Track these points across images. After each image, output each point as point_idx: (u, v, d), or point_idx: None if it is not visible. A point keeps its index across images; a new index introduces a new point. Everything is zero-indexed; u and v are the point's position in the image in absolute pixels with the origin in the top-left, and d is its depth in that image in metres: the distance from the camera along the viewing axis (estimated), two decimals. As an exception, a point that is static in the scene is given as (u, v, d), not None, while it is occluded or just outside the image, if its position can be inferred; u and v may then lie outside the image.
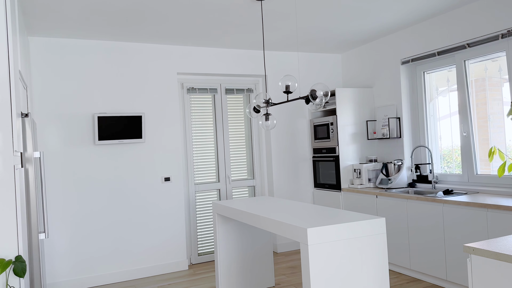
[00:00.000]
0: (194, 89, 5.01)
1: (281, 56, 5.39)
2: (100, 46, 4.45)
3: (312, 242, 2.40)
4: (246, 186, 5.31)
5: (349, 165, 5.05)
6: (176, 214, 4.73)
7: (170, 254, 4.68)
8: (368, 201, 4.61)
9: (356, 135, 5.10)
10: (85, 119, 4.34)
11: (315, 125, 5.38)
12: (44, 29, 3.99)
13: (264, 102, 3.26)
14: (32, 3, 3.36)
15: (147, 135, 4.61)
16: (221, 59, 5.04)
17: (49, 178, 4.18)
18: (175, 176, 4.73)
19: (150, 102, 4.65)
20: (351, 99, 5.10)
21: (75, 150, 4.29)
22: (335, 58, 5.75)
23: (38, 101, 4.18)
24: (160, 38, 4.50)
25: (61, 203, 4.22)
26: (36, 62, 4.19)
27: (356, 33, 4.77)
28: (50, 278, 4.15)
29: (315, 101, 2.80)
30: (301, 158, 5.48)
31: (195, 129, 5.04)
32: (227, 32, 4.41)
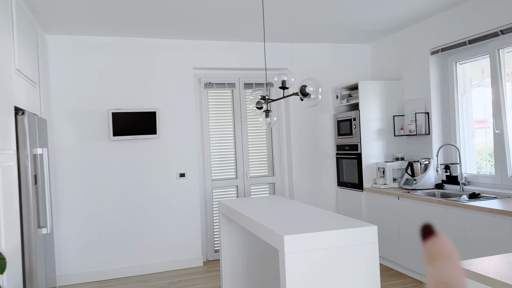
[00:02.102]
0: (212, 84, 4.93)
1: (303, 47, 5.15)
2: (115, 42, 4.49)
3: (290, 250, 2.22)
4: (266, 183, 5.17)
5: (373, 163, 4.73)
6: (192, 210, 4.70)
7: (185, 250, 4.67)
8: (389, 202, 4.29)
9: (382, 131, 4.77)
10: (100, 115, 4.42)
11: (338, 120, 5.10)
12: (60, 27, 4.09)
13: (261, 98, 3.09)
14: (43, 2, 3.43)
15: (161, 131, 4.61)
16: (238, 53, 4.91)
17: (65, 173, 4.31)
18: (190, 172, 4.70)
19: (165, 97, 4.64)
20: (377, 92, 4.76)
21: (90, 146, 4.38)
22: (364, 49, 5.40)
23: (55, 98, 4.30)
24: (175, 33, 4.45)
25: (77, 197, 4.34)
26: (53, 59, 4.31)
27: (384, 21, 4.43)
28: (64, 270, 4.29)
29: (306, 97, 2.59)
30: (324, 155, 5.23)
31: (213, 124, 4.97)
32: (244, 24, 4.27)
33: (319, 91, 2.56)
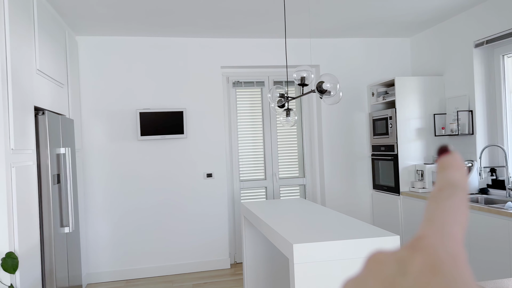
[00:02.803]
0: (240, 82, 4.82)
1: (336, 43, 4.91)
2: (143, 42, 4.49)
3: (299, 260, 2.05)
4: (296, 184, 4.99)
5: (411, 165, 4.42)
6: (219, 210, 4.62)
7: (212, 252, 4.60)
8: (427, 208, 3.97)
9: (421, 130, 4.44)
10: (129, 115, 4.44)
11: (374, 119, 4.82)
12: (89, 28, 4.14)
13: (279, 97, 2.93)
14: (70, 5, 3.47)
15: (189, 130, 4.56)
16: (267, 50, 4.76)
17: (95, 173, 4.37)
18: (217, 172, 4.62)
19: (193, 97, 4.58)
20: (416, 89, 4.44)
21: (119, 145, 4.42)
22: (403, 43, 5.07)
23: (85, 98, 4.37)
24: (203, 32, 4.39)
25: (106, 196, 4.38)
26: (83, 60, 4.37)
27: (424, 12, 4.11)
28: (94, 268, 4.35)
29: (323, 94, 2.40)
30: (359, 156, 4.96)
31: (242, 123, 4.85)
32: (272, 20, 4.12)
33: (337, 87, 2.36)
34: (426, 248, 0.24)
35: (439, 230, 0.25)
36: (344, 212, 4.90)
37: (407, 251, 0.25)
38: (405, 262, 0.24)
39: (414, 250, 0.24)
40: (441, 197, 0.27)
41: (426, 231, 0.26)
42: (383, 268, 0.24)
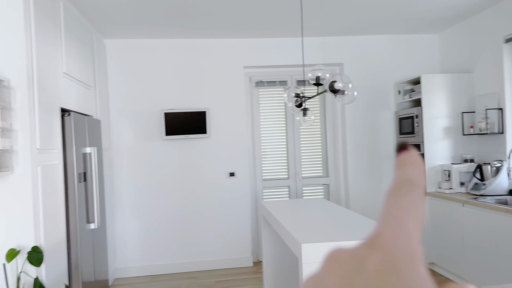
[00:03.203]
0: (263, 82, 4.84)
1: (361, 40, 4.84)
2: (168, 44, 4.60)
3: (307, 260, 2.06)
4: (320, 184, 4.96)
5: (438, 165, 4.30)
6: (242, 209, 4.67)
7: (235, 250, 4.65)
8: (453, 210, 3.86)
9: (449, 129, 4.31)
10: (154, 115, 4.56)
11: (400, 118, 4.72)
12: (116, 32, 4.29)
13: (295, 96, 2.93)
14: (96, 9, 3.62)
15: (212, 130, 4.63)
16: (289, 49, 4.76)
17: (122, 171, 4.52)
18: (240, 171, 4.66)
19: (216, 97, 4.65)
20: (443, 86, 4.31)
21: (145, 145, 4.55)
22: (431, 39, 4.93)
23: (113, 99, 4.53)
24: (225, 32, 4.44)
25: (133, 194, 4.53)
26: (111, 63, 4.53)
27: (453, 6, 3.99)
28: (121, 263, 4.50)
29: (336, 94, 2.39)
30: (384, 155, 4.87)
31: (264, 123, 4.88)
32: (294, 19, 4.13)
33: (349, 87, 2.34)
34: (384, 246, 0.24)
35: (396, 228, 0.25)
36: (370, 213, 4.83)
37: (365, 249, 0.24)
38: (363, 260, 0.24)
39: (371, 248, 0.24)
40: (399, 194, 0.27)
41: (383, 229, 0.26)
42: (341, 266, 0.24)
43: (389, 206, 0.27)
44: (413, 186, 0.27)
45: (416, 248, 0.24)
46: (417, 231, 0.26)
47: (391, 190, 0.27)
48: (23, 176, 2.50)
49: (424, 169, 0.29)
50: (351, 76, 4.84)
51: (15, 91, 2.48)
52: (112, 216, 4.48)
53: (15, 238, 2.48)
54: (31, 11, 2.61)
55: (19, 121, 2.49)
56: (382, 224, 0.26)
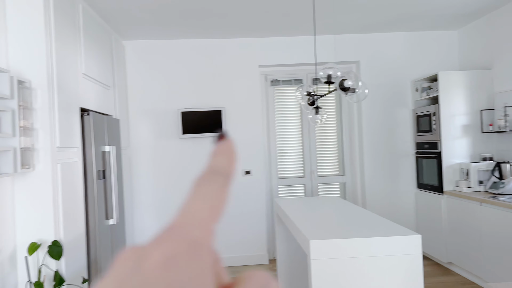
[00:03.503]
0: (278, 81, 4.87)
1: (376, 38, 4.81)
2: (185, 44, 4.68)
3: (316, 256, 2.08)
4: (336, 182, 4.95)
5: (456, 164, 4.23)
6: (257, 207, 4.72)
7: (250, 247, 4.71)
8: (471, 208, 3.80)
9: (468, 127, 4.24)
10: (171, 114, 4.65)
11: (417, 116, 4.67)
12: (134, 33, 4.39)
13: (306, 95, 2.95)
14: (114, 11, 3.72)
15: (227, 128, 4.69)
16: (305, 48, 4.77)
17: (141, 169, 4.63)
18: (255, 169, 4.71)
19: (231, 96, 4.71)
20: (461, 84, 4.25)
21: (163, 143, 4.65)
22: (449, 36, 4.86)
23: (132, 99, 4.64)
24: (240, 32, 4.49)
25: (150, 191, 4.63)
26: (130, 63, 4.64)
27: (472, 3, 3.93)
28: (140, 258, 4.61)
29: (346, 92, 2.40)
30: (402, 154, 4.83)
31: (280, 121, 4.91)
32: (309, 18, 4.14)
33: (359, 84, 2.35)
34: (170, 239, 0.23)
35: (188, 219, 0.24)
36: (386, 212, 4.80)
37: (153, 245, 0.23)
38: (144, 257, 0.22)
39: (159, 242, 0.23)
40: (201, 184, 0.26)
41: (176, 221, 0.25)
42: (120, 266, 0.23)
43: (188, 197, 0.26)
44: (217, 175, 0.26)
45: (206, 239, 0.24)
46: (212, 221, 0.25)
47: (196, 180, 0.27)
48: (44, 173, 2.60)
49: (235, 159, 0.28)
50: (368, 74, 4.82)
51: (36, 91, 2.59)
52: (131, 212, 4.59)
53: (36, 232, 2.60)
54: (51, 14, 2.71)
55: (39, 120, 2.59)
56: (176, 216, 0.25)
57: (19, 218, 2.61)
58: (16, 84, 2.42)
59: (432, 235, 4.46)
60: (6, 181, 2.54)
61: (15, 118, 2.42)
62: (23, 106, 2.49)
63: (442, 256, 4.28)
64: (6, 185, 2.54)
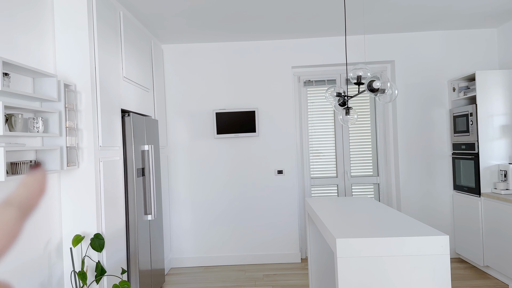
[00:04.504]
0: (311, 81, 4.91)
1: (412, 37, 4.75)
2: (220, 47, 4.82)
3: (342, 254, 2.13)
4: (370, 183, 4.94)
5: (494, 165, 4.13)
6: (290, 206, 4.78)
7: (283, 246, 4.78)
8: (509, 211, 3.70)
9: (506, 128, 4.12)
10: (206, 115, 4.80)
11: (454, 116, 4.57)
12: (172, 37, 4.57)
13: (336, 96, 2.99)
14: (154, 16, 3.91)
15: (260, 129, 4.79)
16: (338, 48, 4.78)
17: (178, 168, 4.81)
18: (288, 169, 4.78)
19: (265, 97, 4.80)
20: (501, 83, 4.13)
21: (198, 143, 4.81)
22: (488, 34, 4.72)
23: (170, 101, 4.83)
24: (274, 34, 4.57)
25: (187, 189, 4.80)
26: (168, 66, 4.83)
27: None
28: (178, 254, 4.80)
29: (375, 93, 2.43)
30: (438, 155, 4.74)
31: (313, 121, 4.95)
32: (342, 18, 4.17)
33: (387, 85, 2.37)
34: None
35: None
36: (421, 214, 4.73)
37: None
38: None
39: None
40: None
41: None
42: None
43: None
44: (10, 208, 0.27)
45: None
46: None
47: None
48: (87, 171, 2.80)
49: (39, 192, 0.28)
50: (403, 74, 4.77)
51: (81, 94, 2.78)
52: (169, 209, 4.78)
53: (80, 226, 2.79)
54: (94, 22, 2.90)
55: (83, 121, 2.79)
56: None
57: (64, 212, 2.81)
58: (62, 88, 2.62)
59: (469, 238, 4.37)
60: (54, 178, 2.75)
61: (62, 119, 2.62)
62: (69, 108, 2.69)
63: (479, 260, 4.18)
64: (53, 181, 2.74)
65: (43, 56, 2.68)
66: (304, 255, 4.94)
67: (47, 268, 2.65)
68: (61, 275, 2.80)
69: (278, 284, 4.09)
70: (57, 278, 2.75)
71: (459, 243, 4.58)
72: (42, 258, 2.61)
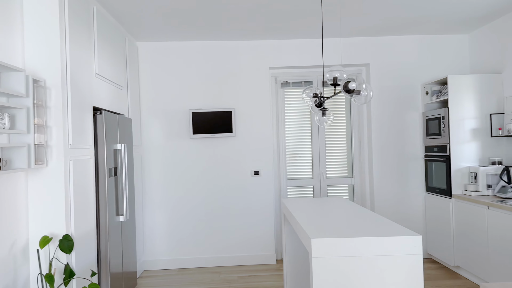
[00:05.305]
0: (288, 82, 4.92)
1: (387, 41, 4.82)
2: (197, 46, 4.77)
3: (317, 254, 2.13)
4: (344, 184, 4.98)
5: (465, 167, 4.22)
6: (266, 207, 4.77)
7: (258, 247, 4.76)
8: (478, 212, 3.79)
9: (477, 131, 4.23)
10: (182, 114, 4.74)
11: (427, 119, 4.66)
12: (148, 35, 4.49)
13: (313, 96, 2.99)
14: (130, 13, 3.82)
15: (237, 129, 4.76)
16: (315, 50, 4.81)
17: (152, 168, 4.72)
18: (264, 170, 4.76)
19: (242, 97, 4.77)
20: (471, 87, 4.24)
21: (173, 143, 4.73)
22: (460, 39, 4.84)
23: (144, 99, 4.74)
24: (251, 34, 4.55)
25: (161, 189, 4.72)
26: (143, 64, 4.75)
27: (483, 7, 3.92)
28: (151, 256, 4.71)
29: (350, 94, 2.44)
30: (411, 157, 4.83)
31: (289, 123, 4.95)
32: (319, 20, 4.18)
33: (363, 87, 2.39)
34: None
35: None
36: (394, 215, 4.80)
37: None
38: None
39: None
40: None
41: None
42: None
43: None
44: None
45: None
46: None
47: None
48: (56, 169, 2.70)
49: None
50: (378, 77, 4.83)
51: (50, 90, 2.69)
52: (142, 210, 4.68)
53: (48, 226, 2.69)
54: (66, 16, 2.81)
55: (53, 118, 2.69)
56: None
57: (32, 212, 2.71)
58: (31, 83, 2.52)
59: (440, 239, 4.46)
60: (21, 176, 2.64)
61: (30, 115, 2.52)
62: (38, 104, 2.59)
63: (450, 260, 4.27)
64: (20, 180, 2.64)
65: (11, 50, 2.57)
66: (280, 256, 4.93)
67: (12, 271, 2.54)
68: (27, 278, 2.69)
69: (252, 286, 4.06)
70: (22, 282, 2.64)
71: (431, 244, 4.67)
72: (7, 260, 2.50)
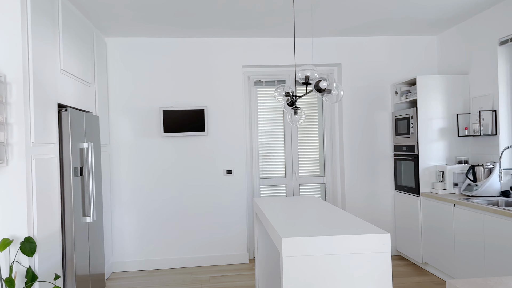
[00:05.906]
0: (261, 81, 4.90)
1: (357, 41, 4.88)
2: (168, 43, 4.68)
3: (288, 253, 2.11)
4: (317, 183, 5.00)
5: (432, 166, 4.32)
6: (238, 207, 4.73)
7: (230, 247, 4.72)
8: (445, 210, 3.88)
9: (444, 131, 4.33)
10: (153, 112, 4.64)
11: (396, 119, 4.75)
12: (117, 30, 4.38)
13: (285, 95, 2.98)
14: (97, 7, 3.70)
15: (210, 128, 4.70)
16: (287, 49, 4.81)
17: (121, 167, 4.61)
18: (237, 169, 4.73)
19: (214, 95, 4.72)
20: (439, 88, 4.34)
21: (143, 141, 4.63)
22: (429, 41, 4.95)
23: (113, 96, 4.62)
24: (224, 32, 4.51)
25: (131, 189, 4.61)
26: (112, 60, 4.62)
27: (450, 9, 4.01)
28: (119, 257, 4.59)
29: (321, 93, 2.44)
30: (381, 156, 4.90)
31: (262, 122, 4.94)
32: (292, 19, 4.18)
33: (334, 86, 2.39)
34: None
35: None
36: (364, 213, 4.87)
37: None
38: None
39: None
40: None
41: None
42: None
43: None
44: None
45: None
46: None
47: None
48: (18, 169, 2.58)
49: None
50: (349, 77, 4.88)
51: (11, 86, 2.57)
52: (110, 210, 4.56)
53: (9, 228, 2.57)
54: (28, 9, 2.69)
55: (14, 115, 2.57)
56: None
57: (-9, 214, 2.58)
58: (-10, 78, 2.40)
59: (409, 236, 4.54)
60: (-21, 176, 2.51)
61: (-11, 112, 2.40)
62: (-2, 100, 2.47)
63: (418, 257, 4.36)
64: (-22, 180, 2.51)
65: (-32, 43, 2.44)
66: (252, 255, 4.91)
67: (-31, 275, 2.41)
68: (-14, 282, 2.56)
69: (224, 286, 4.02)
70: (-19, 286, 2.51)
71: (400, 241, 4.76)
72: (-37, 264, 2.37)
